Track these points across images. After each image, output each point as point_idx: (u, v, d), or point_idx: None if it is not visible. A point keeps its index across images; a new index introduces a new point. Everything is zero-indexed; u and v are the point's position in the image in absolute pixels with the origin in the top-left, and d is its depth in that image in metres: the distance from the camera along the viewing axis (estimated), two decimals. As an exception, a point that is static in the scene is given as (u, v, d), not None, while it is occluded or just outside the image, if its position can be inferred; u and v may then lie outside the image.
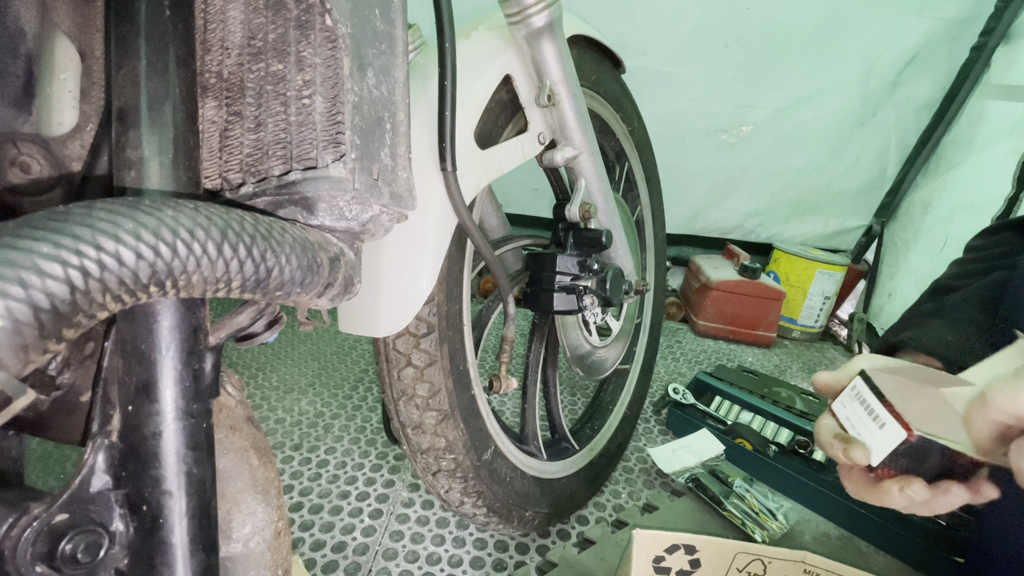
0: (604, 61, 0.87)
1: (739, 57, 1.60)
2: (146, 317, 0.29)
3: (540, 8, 0.58)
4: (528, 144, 0.67)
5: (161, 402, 0.29)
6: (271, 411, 1.13)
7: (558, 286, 0.75)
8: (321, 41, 0.34)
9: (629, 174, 1.03)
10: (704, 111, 1.71)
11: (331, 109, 0.34)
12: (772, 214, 1.96)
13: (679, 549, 0.67)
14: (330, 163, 0.33)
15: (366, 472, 0.98)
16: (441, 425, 0.65)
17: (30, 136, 0.36)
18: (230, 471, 0.37)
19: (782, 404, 1.27)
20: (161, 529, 0.28)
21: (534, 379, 0.86)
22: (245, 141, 0.35)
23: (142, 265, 0.22)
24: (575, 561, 0.81)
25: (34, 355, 0.20)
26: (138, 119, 0.30)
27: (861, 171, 1.85)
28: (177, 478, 0.29)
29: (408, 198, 0.38)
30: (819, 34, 1.57)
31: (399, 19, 0.38)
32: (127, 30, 0.30)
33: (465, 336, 0.66)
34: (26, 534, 0.25)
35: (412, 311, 0.56)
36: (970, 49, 1.60)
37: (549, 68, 0.63)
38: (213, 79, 0.36)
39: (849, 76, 1.65)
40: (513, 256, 0.87)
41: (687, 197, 1.90)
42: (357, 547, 0.82)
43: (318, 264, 0.31)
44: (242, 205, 0.34)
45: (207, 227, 0.24)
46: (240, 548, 0.37)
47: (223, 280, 0.25)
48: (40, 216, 0.21)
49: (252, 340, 0.36)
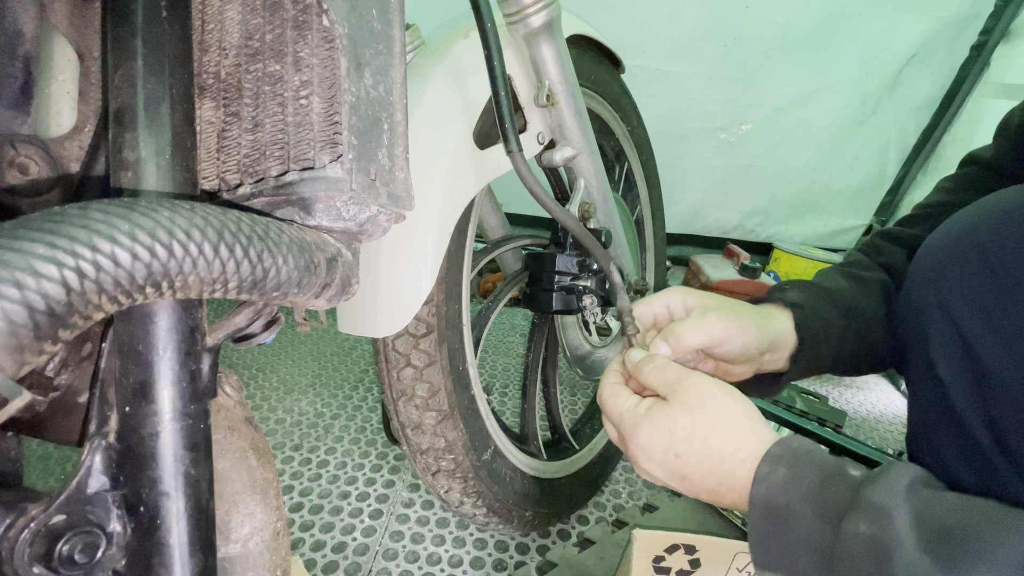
0: (603, 61, 0.87)
1: (738, 56, 1.60)
2: (143, 318, 0.29)
3: (538, 8, 0.58)
4: (527, 144, 0.67)
5: (158, 403, 0.29)
6: (271, 412, 1.13)
7: (558, 286, 0.75)
8: (318, 41, 0.34)
9: (628, 174, 1.03)
10: (703, 110, 1.71)
11: (328, 109, 0.33)
12: (772, 213, 1.96)
13: (679, 549, 0.67)
14: (327, 163, 0.33)
15: (366, 472, 0.98)
16: (441, 425, 0.65)
17: (28, 137, 0.36)
18: (228, 472, 0.37)
19: (782, 404, 1.26)
20: (159, 530, 0.28)
21: (534, 379, 0.86)
22: (242, 142, 0.35)
23: (138, 266, 0.22)
24: (575, 561, 0.81)
25: (30, 356, 0.20)
26: (135, 120, 0.30)
27: (861, 170, 1.85)
28: (175, 479, 0.29)
29: (406, 198, 0.38)
30: (818, 32, 1.56)
31: (396, 19, 0.38)
32: (124, 31, 0.30)
33: (464, 336, 0.66)
34: (23, 535, 0.25)
35: (411, 311, 0.56)
36: (970, 48, 1.60)
37: (548, 68, 0.63)
38: (211, 80, 0.36)
39: (849, 75, 1.65)
40: (513, 256, 0.87)
41: (687, 196, 1.90)
42: (357, 547, 0.82)
43: (315, 265, 0.31)
44: (239, 206, 0.34)
45: (203, 228, 0.24)
46: (239, 549, 0.37)
47: (220, 281, 0.25)
48: (36, 217, 0.21)
49: (250, 341, 0.36)
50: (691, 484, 0.42)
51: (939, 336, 0.45)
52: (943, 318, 0.44)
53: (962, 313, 0.43)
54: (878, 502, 0.33)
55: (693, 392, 0.42)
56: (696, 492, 0.42)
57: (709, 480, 0.41)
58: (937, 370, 0.45)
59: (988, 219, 0.44)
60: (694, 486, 0.42)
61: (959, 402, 0.43)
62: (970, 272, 0.43)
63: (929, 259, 0.48)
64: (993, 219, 0.43)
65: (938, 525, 0.31)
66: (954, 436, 0.44)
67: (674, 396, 0.43)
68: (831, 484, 0.36)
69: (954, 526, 0.31)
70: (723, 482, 0.40)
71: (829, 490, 0.36)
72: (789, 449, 0.39)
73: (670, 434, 0.41)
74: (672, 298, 0.52)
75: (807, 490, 0.36)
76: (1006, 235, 0.42)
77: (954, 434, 0.44)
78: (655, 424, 0.42)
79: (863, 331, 0.56)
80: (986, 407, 0.42)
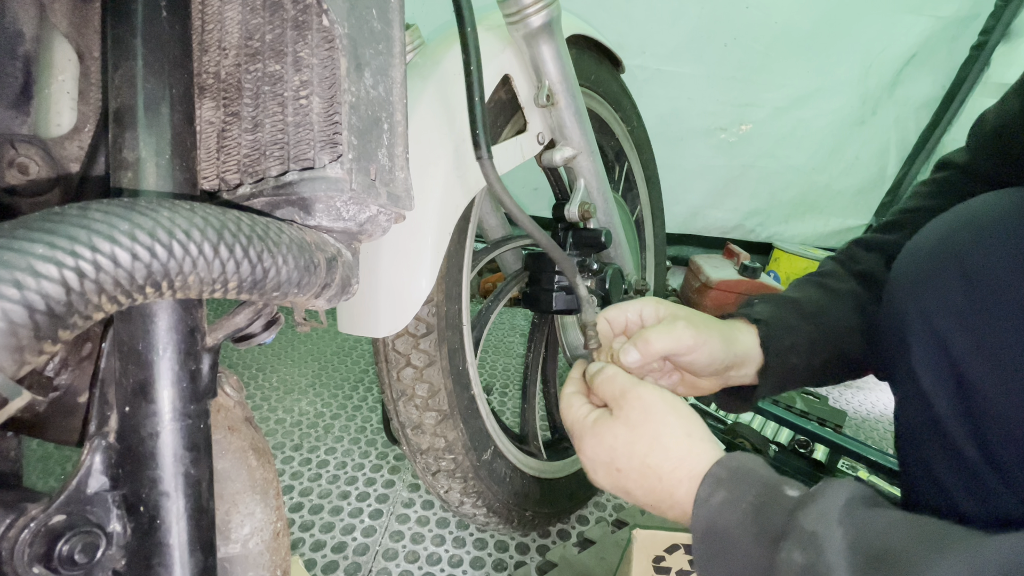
0: (603, 60, 0.87)
1: (738, 56, 1.60)
2: (143, 318, 0.29)
3: (538, 8, 0.58)
4: (527, 144, 0.67)
5: (158, 403, 0.29)
6: (271, 412, 1.13)
7: (557, 286, 0.75)
8: (318, 41, 0.34)
9: (628, 174, 1.03)
10: (703, 110, 1.71)
11: (328, 109, 0.33)
12: (772, 213, 1.96)
13: (679, 549, 0.67)
14: (327, 163, 0.33)
15: (366, 472, 0.98)
16: (440, 425, 0.65)
17: (28, 137, 0.36)
18: (228, 472, 0.37)
19: (782, 404, 1.27)
20: (158, 530, 0.28)
21: (534, 379, 0.86)
22: (242, 142, 0.35)
23: (137, 266, 0.22)
24: (575, 561, 0.81)
25: (30, 356, 0.20)
26: (135, 120, 0.30)
27: (861, 170, 1.85)
28: (174, 479, 0.29)
29: (406, 198, 0.38)
30: (818, 32, 1.56)
31: (396, 19, 0.38)
32: (124, 31, 0.30)
33: (464, 336, 0.66)
34: (23, 535, 0.25)
35: (411, 311, 0.56)
36: (970, 48, 1.60)
37: (548, 68, 0.63)
38: (211, 80, 0.36)
39: (849, 75, 1.65)
40: (512, 256, 0.87)
41: (687, 196, 1.90)
42: (357, 547, 0.82)
43: (315, 265, 0.31)
44: (239, 206, 0.34)
45: (203, 228, 0.24)
46: (239, 549, 0.37)
47: (220, 281, 0.25)
48: (35, 217, 0.21)
49: (250, 341, 0.36)
50: (635, 499, 0.42)
51: (920, 346, 0.44)
52: (924, 328, 0.44)
53: (943, 323, 0.43)
54: (810, 528, 0.32)
55: (637, 407, 0.42)
56: (642, 506, 0.42)
57: (650, 497, 0.40)
58: (920, 382, 0.44)
59: (964, 228, 0.44)
60: (638, 501, 0.42)
61: (943, 414, 0.43)
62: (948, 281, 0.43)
63: (908, 267, 0.47)
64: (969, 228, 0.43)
65: (871, 549, 0.30)
66: (940, 447, 0.44)
67: (619, 410, 0.43)
68: (767, 508, 0.35)
69: (887, 549, 0.30)
70: (662, 500, 0.40)
71: (764, 514, 0.35)
72: (728, 469, 0.38)
73: (611, 449, 0.42)
74: (645, 306, 0.52)
75: (743, 514, 0.35)
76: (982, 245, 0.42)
77: (940, 445, 0.44)
78: (598, 438, 0.42)
79: (833, 341, 0.56)
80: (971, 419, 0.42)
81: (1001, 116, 0.52)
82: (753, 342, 0.54)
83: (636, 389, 0.42)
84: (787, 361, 0.54)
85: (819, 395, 1.37)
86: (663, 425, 0.40)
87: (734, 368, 0.53)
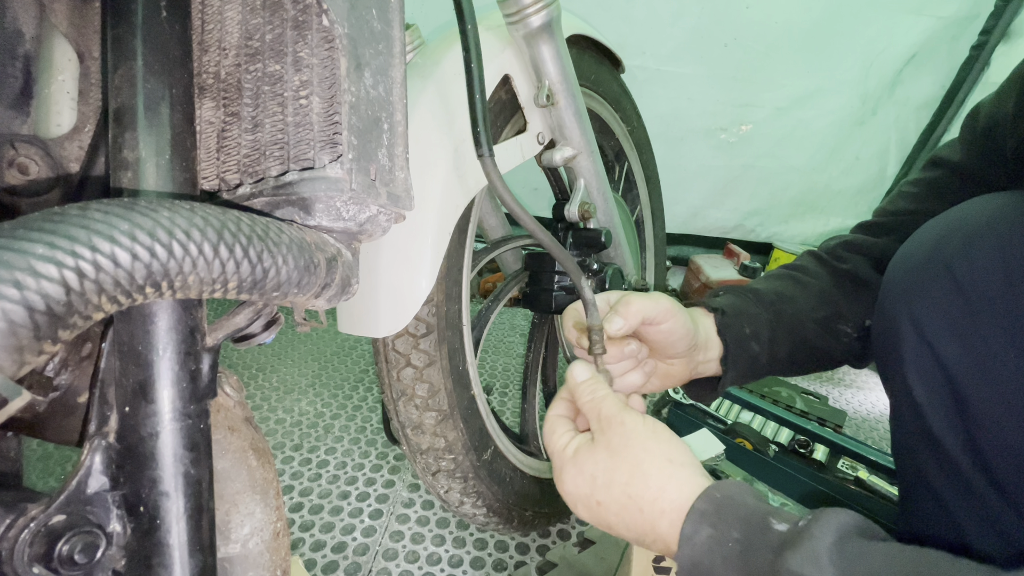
0: (603, 61, 0.87)
1: (738, 56, 1.60)
2: (143, 318, 0.29)
3: (538, 8, 0.58)
4: (527, 144, 0.67)
5: (158, 403, 0.29)
6: (271, 412, 1.13)
7: (558, 286, 0.75)
8: (318, 41, 0.34)
9: (628, 174, 1.03)
10: (704, 110, 1.71)
11: (328, 109, 0.33)
12: (772, 213, 1.95)
13: (679, 549, 0.67)
14: (327, 163, 0.33)
15: (366, 472, 0.98)
16: (440, 425, 0.65)
17: (28, 137, 0.36)
18: (228, 472, 0.37)
19: (782, 403, 1.27)
20: (158, 530, 0.28)
21: (534, 379, 0.86)
22: (242, 142, 0.35)
23: (137, 266, 0.22)
24: (575, 561, 0.81)
25: (29, 356, 0.20)
26: (135, 120, 0.30)
27: (861, 170, 1.85)
28: (174, 479, 0.29)
29: (406, 198, 0.38)
30: (818, 32, 1.56)
31: (396, 19, 0.38)
32: (124, 31, 0.30)
33: (464, 336, 0.66)
34: (23, 535, 0.25)
35: (411, 311, 0.56)
36: (970, 48, 1.60)
37: (548, 68, 0.63)
38: (210, 80, 0.36)
39: (849, 75, 1.65)
40: (512, 256, 0.87)
41: (687, 196, 1.90)
42: (357, 547, 0.82)
43: (315, 265, 0.31)
44: (239, 206, 0.34)
45: (203, 228, 0.24)
46: (239, 549, 0.37)
47: (219, 281, 0.25)
48: (35, 217, 0.21)
49: (250, 341, 0.36)
50: (618, 533, 0.40)
51: (913, 357, 0.44)
52: (917, 338, 0.44)
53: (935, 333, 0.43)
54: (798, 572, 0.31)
55: (619, 432, 0.40)
56: (626, 539, 0.41)
57: (632, 531, 0.39)
58: (913, 393, 0.44)
59: (955, 235, 0.43)
60: (621, 535, 0.40)
61: (937, 424, 0.43)
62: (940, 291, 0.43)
63: (900, 276, 0.47)
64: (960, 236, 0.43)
65: None
66: (934, 457, 0.44)
67: (600, 434, 0.41)
68: (753, 548, 0.34)
69: None
70: (645, 534, 0.39)
71: (751, 556, 0.33)
72: (713, 503, 0.36)
73: (592, 479, 0.40)
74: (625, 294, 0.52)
75: (728, 554, 0.34)
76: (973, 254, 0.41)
77: (934, 456, 0.44)
78: (579, 468, 0.41)
79: (796, 330, 0.56)
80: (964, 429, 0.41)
81: (993, 116, 0.51)
82: (712, 330, 0.55)
83: (620, 415, 0.41)
84: (748, 349, 0.55)
85: (819, 395, 1.37)
86: (644, 451, 0.39)
87: (700, 351, 0.54)
